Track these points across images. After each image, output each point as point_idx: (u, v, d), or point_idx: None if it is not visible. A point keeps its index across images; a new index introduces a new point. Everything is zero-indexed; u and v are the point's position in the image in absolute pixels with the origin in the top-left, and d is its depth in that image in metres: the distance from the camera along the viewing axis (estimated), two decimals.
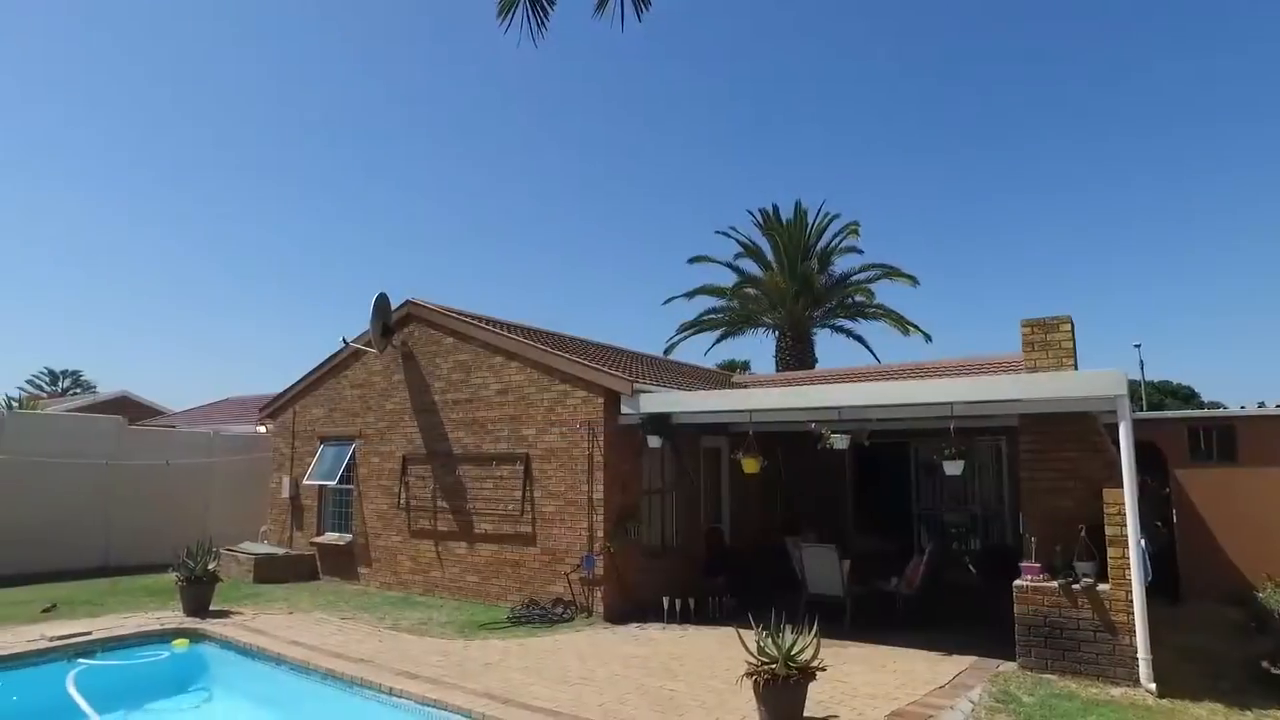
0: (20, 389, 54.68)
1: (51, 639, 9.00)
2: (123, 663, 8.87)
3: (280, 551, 14.78)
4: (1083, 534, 7.98)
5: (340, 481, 14.31)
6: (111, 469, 15.34)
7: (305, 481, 14.85)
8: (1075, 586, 7.79)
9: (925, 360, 17.22)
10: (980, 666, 8.17)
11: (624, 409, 11.21)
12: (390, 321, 13.86)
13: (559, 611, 10.89)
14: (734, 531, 14.18)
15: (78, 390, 55.69)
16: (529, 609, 10.99)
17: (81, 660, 8.71)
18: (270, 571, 14.07)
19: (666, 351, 29.44)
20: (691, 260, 29.17)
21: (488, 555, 12.24)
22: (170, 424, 25.01)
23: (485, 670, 8.04)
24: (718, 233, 29.46)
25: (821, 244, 28.50)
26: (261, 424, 17.18)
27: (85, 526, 14.95)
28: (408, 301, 13.96)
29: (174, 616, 10.54)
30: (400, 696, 7.32)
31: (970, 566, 13.54)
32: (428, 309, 13.70)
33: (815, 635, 6.37)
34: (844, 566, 10.56)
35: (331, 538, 14.55)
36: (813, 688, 6.31)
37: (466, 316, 13.44)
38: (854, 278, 28.23)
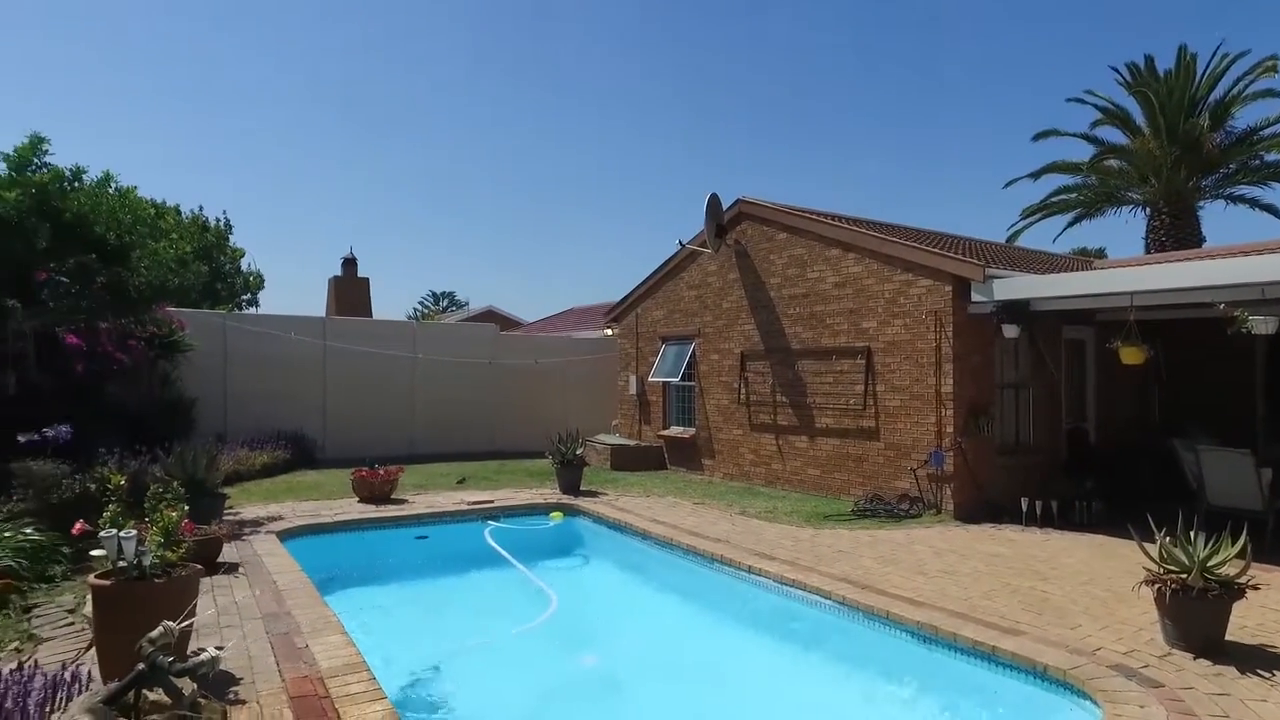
0: (415, 308, 65.74)
1: (469, 503, 10.91)
2: (518, 526, 10.40)
3: (631, 443, 16.20)
4: None
5: (682, 378, 15.18)
6: (493, 368, 17.86)
7: (650, 379, 16.00)
8: None
9: None
10: None
11: (975, 296, 10.31)
12: (723, 221, 14.10)
13: (904, 507, 10.61)
14: (1099, 431, 12.62)
15: (453, 307, 65.40)
16: (873, 503, 10.85)
17: (490, 521, 10.39)
18: (624, 460, 15.50)
19: (1009, 240, 26.57)
20: (1037, 136, 25.59)
21: (829, 449, 12.24)
22: (528, 332, 28.43)
23: (839, 557, 8.11)
24: (1069, 100, 25.39)
25: (1215, 95, 23.32)
26: (607, 327, 18.74)
27: (477, 416, 17.68)
28: (739, 200, 14.06)
29: (552, 493, 12.10)
30: (759, 575, 7.67)
31: None
32: (759, 206, 13.68)
33: (1245, 546, 5.41)
34: (1263, 476, 8.85)
35: (676, 431, 15.60)
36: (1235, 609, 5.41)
37: (799, 211, 13.19)
38: (1266, 131, 22.79)
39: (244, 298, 29.36)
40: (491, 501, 11.15)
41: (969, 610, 6.20)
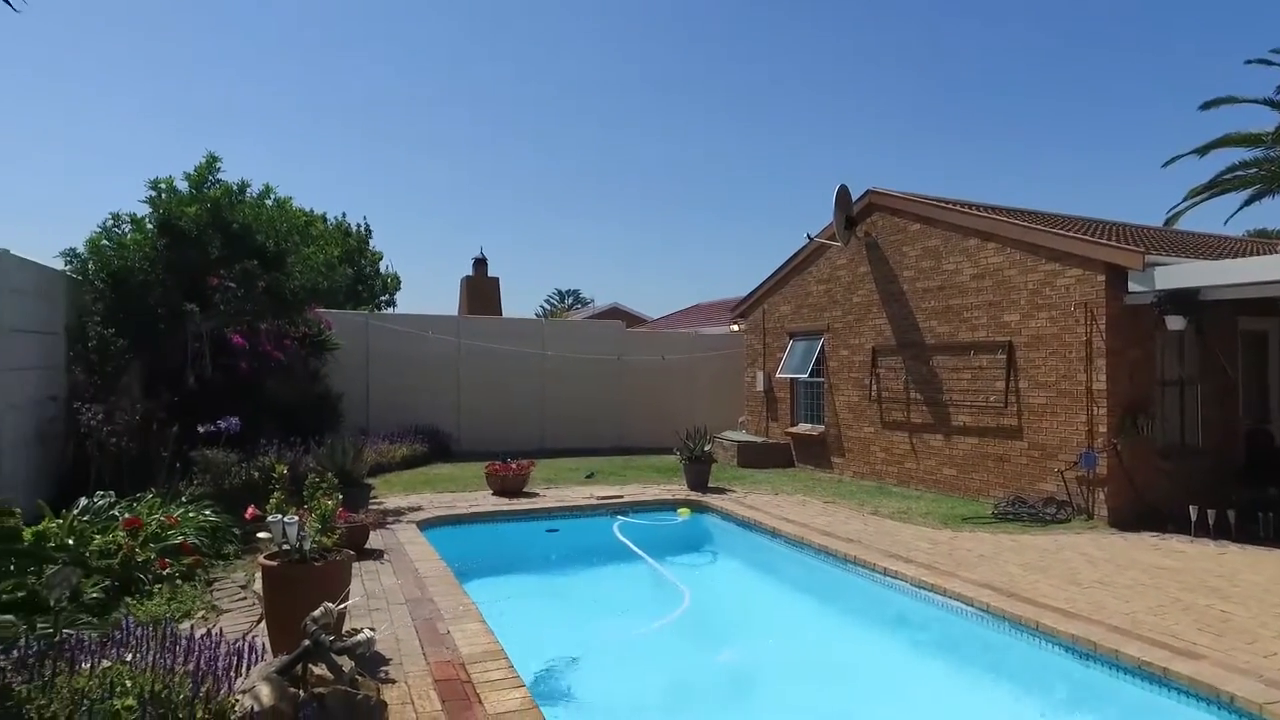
0: (541, 306, 67.61)
1: (598, 498, 11.10)
2: (646, 522, 10.48)
3: (758, 440, 16.01)
4: None
5: (810, 375, 14.87)
6: (619, 364, 18.09)
7: (777, 375, 15.76)
8: None
9: None
10: None
11: (1132, 286, 9.53)
12: (852, 213, 13.70)
13: (1050, 511, 9.95)
14: None
15: (578, 305, 66.79)
16: (1015, 505, 10.25)
17: (619, 516, 10.52)
18: (750, 457, 15.34)
19: (1168, 222, 24.45)
20: (1206, 105, 23.25)
21: (966, 448, 11.66)
22: (653, 328, 28.62)
23: (980, 561, 7.70)
24: (1250, 62, 22.91)
25: None
26: (734, 323, 18.61)
27: (604, 412, 17.95)
28: (869, 191, 13.61)
29: (680, 489, 12.11)
30: (893, 578, 7.39)
31: None
32: (890, 196, 13.20)
33: None
34: None
35: (804, 428, 15.30)
36: None
37: (932, 200, 12.64)
38: None
39: (382, 298, 31.08)
40: (620, 497, 11.30)
41: (1132, 626, 5.73)
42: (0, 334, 7.47)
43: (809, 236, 14.84)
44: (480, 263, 23.98)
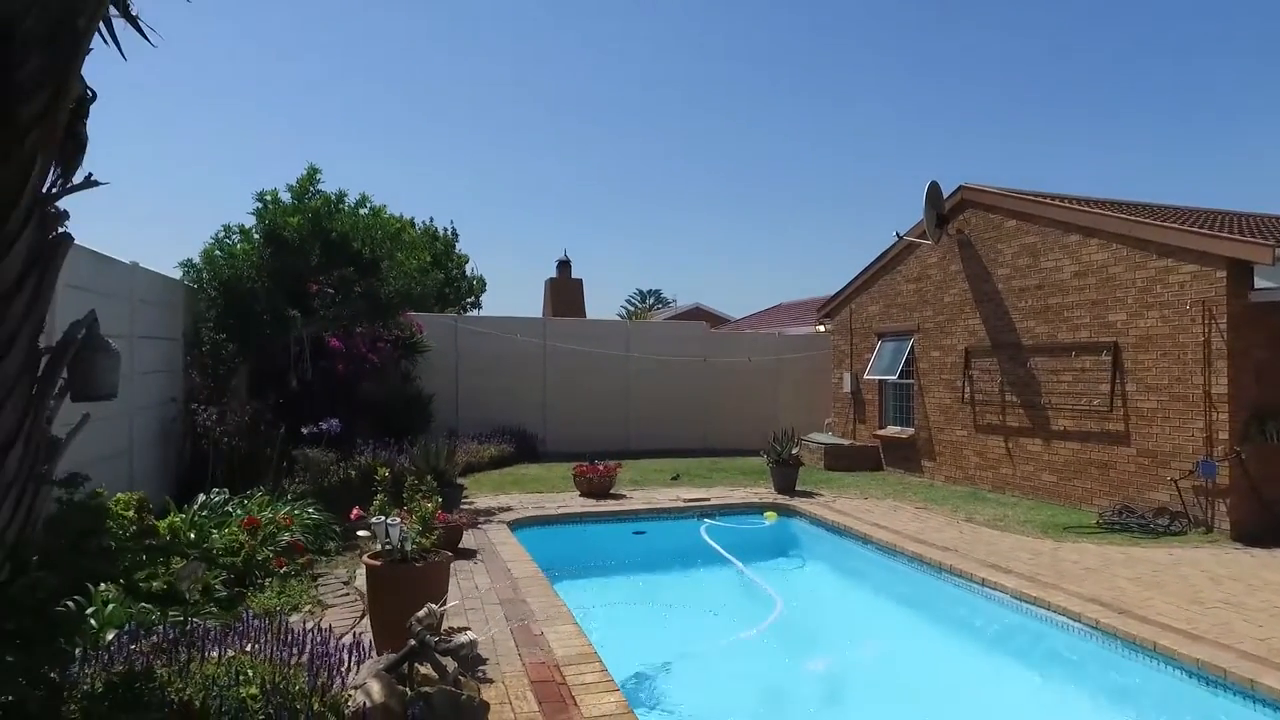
0: (623, 306, 68.00)
1: (685, 500, 11.10)
2: (734, 525, 10.40)
3: (845, 442, 15.70)
4: None
5: (900, 376, 14.49)
6: (703, 365, 18.02)
7: (865, 376, 15.42)
8: None
9: None
10: None
11: (1260, 283, 8.93)
12: (944, 210, 13.28)
13: (1163, 523, 9.41)
14: None
15: (659, 305, 66.88)
16: (1122, 515, 9.73)
17: (706, 519, 10.48)
18: (838, 460, 15.05)
19: None
20: None
21: (1067, 454, 11.15)
22: (736, 329, 28.43)
23: (1086, 575, 7.34)
24: None
25: None
26: (820, 323, 18.30)
27: (688, 413, 17.91)
28: (961, 187, 13.17)
29: (767, 492, 11.98)
30: (993, 589, 7.13)
31: None
32: (984, 192, 12.74)
33: None
34: None
35: (893, 431, 14.92)
36: None
37: (1029, 195, 12.14)
38: None
39: (468, 300, 31.84)
40: (707, 499, 11.26)
41: (1269, 654, 5.30)
42: (132, 341, 7.98)
43: (898, 235, 14.46)
44: (564, 265, 24.34)
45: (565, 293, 24.25)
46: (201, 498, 7.48)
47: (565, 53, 55.08)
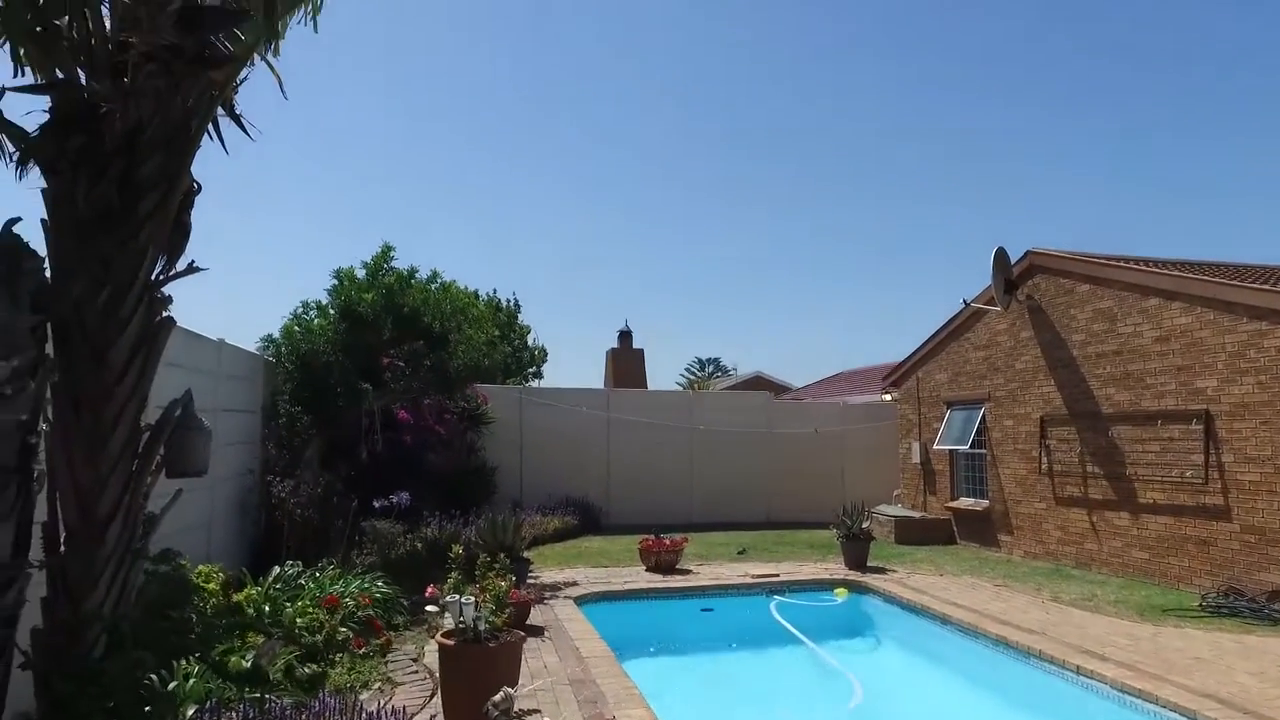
0: (681, 374, 67.96)
1: (754, 576, 10.80)
2: (804, 602, 10.06)
3: (916, 514, 15.19)
4: None
5: (971, 445, 14.05)
6: (768, 436, 17.78)
7: (935, 447, 14.99)
8: None
9: None
10: None
11: None
12: (1012, 276, 13.05)
13: (1279, 608, 8.75)
14: None
15: (719, 373, 66.63)
16: (1230, 598, 9.10)
17: (775, 596, 10.17)
18: (908, 533, 14.54)
19: None
20: None
21: (1159, 529, 10.55)
22: (797, 398, 28.10)
23: (1196, 665, 6.83)
24: None
25: None
26: (885, 392, 17.96)
27: (752, 485, 17.62)
28: (1029, 252, 12.95)
29: (838, 568, 11.60)
30: (1089, 677, 6.68)
31: None
32: (1054, 256, 12.50)
33: None
34: None
35: (966, 503, 14.39)
36: None
37: (1102, 259, 11.86)
38: None
39: (530, 370, 32.28)
40: (776, 575, 10.94)
41: None
42: (216, 414, 8.27)
43: (965, 301, 14.23)
44: (625, 335, 24.56)
45: (626, 363, 24.41)
46: (276, 570, 7.57)
47: (626, 121, 56.70)
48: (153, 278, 3.86)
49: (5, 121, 3.78)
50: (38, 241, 3.58)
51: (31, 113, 3.86)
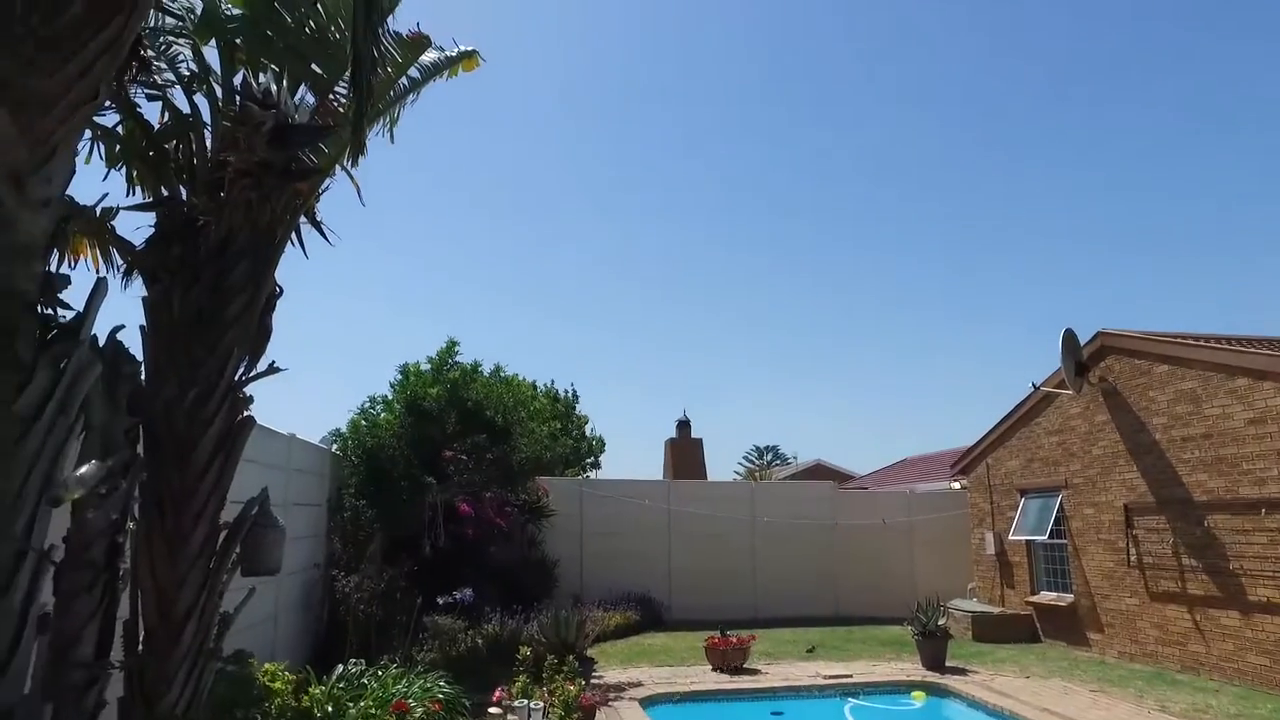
0: (740, 463, 66.86)
1: (826, 677, 10.27)
2: (881, 706, 9.50)
3: (994, 610, 14.39)
4: None
5: (1050, 535, 13.37)
6: (833, 527, 17.23)
7: (1010, 537, 14.32)
8: None
9: None
10: None
11: None
12: (1082, 358, 12.66)
13: None
14: None
15: (778, 461, 65.38)
16: None
17: (849, 698, 9.63)
18: (986, 630, 13.74)
19: None
20: None
21: (1276, 630, 9.74)
22: (862, 486, 27.35)
23: None
24: None
25: None
26: (954, 480, 17.35)
27: (818, 578, 16.98)
28: (1099, 333, 12.59)
29: (914, 668, 10.97)
30: None
31: None
32: (1126, 337, 12.11)
33: None
34: None
35: (1049, 597, 13.59)
36: None
37: (1181, 339, 11.45)
38: None
39: (588, 460, 32.23)
40: (849, 676, 10.39)
41: None
42: (286, 509, 8.41)
43: (1034, 385, 13.82)
44: (683, 425, 24.43)
45: (686, 454, 24.18)
46: (340, 669, 7.49)
47: (670, 217, 57.94)
48: (236, 378, 4.00)
49: (117, 237, 4.08)
50: (136, 348, 3.78)
51: (140, 228, 4.15)
